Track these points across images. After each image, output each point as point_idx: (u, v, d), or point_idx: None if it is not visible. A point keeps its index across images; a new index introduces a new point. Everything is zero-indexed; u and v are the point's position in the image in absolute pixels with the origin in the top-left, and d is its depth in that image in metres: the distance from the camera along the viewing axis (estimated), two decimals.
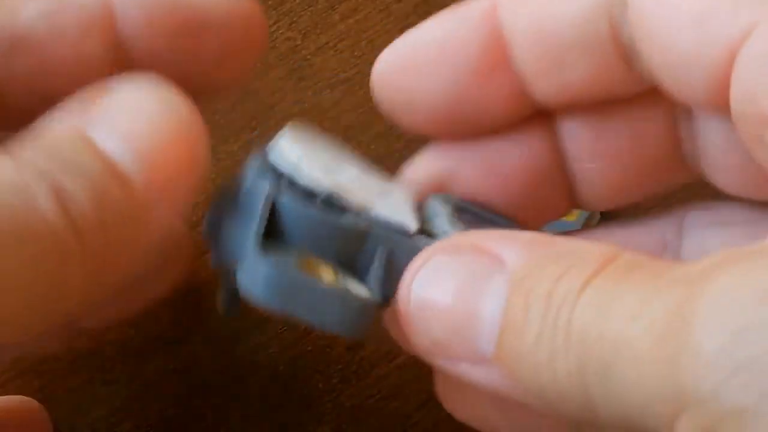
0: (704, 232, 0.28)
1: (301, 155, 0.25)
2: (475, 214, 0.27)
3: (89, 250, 0.22)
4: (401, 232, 0.25)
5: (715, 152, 0.27)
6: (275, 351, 0.35)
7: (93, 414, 0.35)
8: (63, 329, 0.29)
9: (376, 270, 0.24)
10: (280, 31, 0.37)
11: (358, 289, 0.24)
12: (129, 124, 0.23)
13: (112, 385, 0.35)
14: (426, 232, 0.25)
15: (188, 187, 0.23)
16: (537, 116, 0.27)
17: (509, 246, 0.23)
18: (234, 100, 0.37)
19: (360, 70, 0.37)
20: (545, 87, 0.26)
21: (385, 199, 0.26)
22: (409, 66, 0.26)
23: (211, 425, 0.35)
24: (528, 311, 0.22)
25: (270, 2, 0.37)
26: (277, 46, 0.37)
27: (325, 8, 0.37)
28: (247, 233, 0.24)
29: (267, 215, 0.24)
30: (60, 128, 0.23)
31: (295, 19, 0.37)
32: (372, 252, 0.24)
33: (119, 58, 0.26)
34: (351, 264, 0.25)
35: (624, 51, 0.25)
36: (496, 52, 0.26)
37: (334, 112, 0.37)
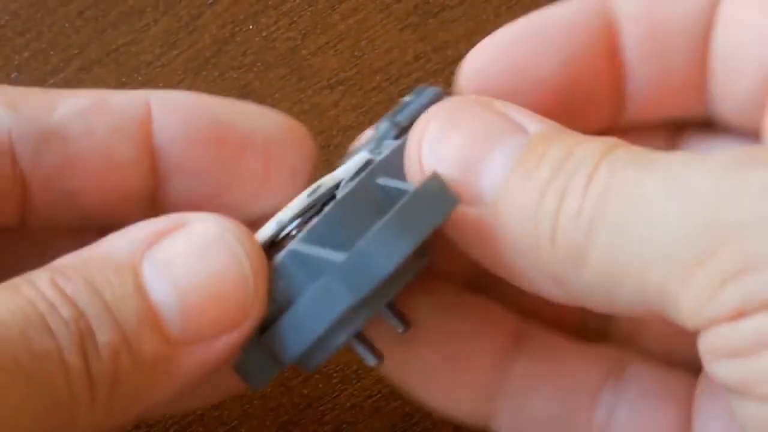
0: None
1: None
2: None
3: (101, 398, 0.21)
4: (364, 168, 0.25)
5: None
6: None
7: None
8: None
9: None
10: (280, 31, 0.37)
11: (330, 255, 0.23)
12: (187, 271, 0.22)
13: None
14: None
15: (234, 338, 0.23)
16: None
17: (531, 118, 0.23)
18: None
19: (360, 70, 0.37)
20: (646, 75, 0.26)
21: (345, 166, 0.25)
22: (522, 44, 0.26)
23: (212, 425, 0.35)
24: (541, 164, 0.22)
25: (270, 2, 0.37)
26: (277, 46, 0.37)
27: (325, 8, 0.37)
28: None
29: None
30: (117, 252, 0.22)
31: (295, 19, 0.37)
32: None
33: (155, 166, 0.26)
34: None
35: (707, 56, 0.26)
36: (607, 39, 0.26)
37: (334, 112, 0.37)
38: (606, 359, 0.27)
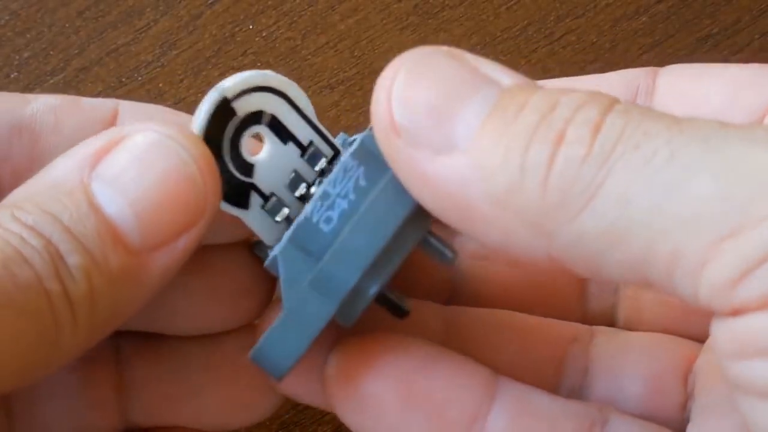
0: None
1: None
2: None
3: (82, 318, 0.22)
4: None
5: None
6: None
7: None
8: None
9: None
10: (280, 31, 0.37)
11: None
12: (134, 181, 0.23)
13: None
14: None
15: (192, 237, 0.23)
16: None
17: (504, 72, 0.22)
18: None
19: (360, 70, 0.37)
20: None
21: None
22: None
23: None
24: (524, 110, 0.21)
25: (270, 2, 0.37)
26: (277, 46, 0.37)
27: (325, 8, 0.37)
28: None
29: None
30: (65, 176, 0.23)
31: (295, 19, 0.37)
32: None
33: None
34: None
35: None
36: None
37: (334, 112, 0.37)
38: (586, 413, 0.26)
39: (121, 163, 0.23)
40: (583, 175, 0.20)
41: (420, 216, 0.23)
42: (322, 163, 0.25)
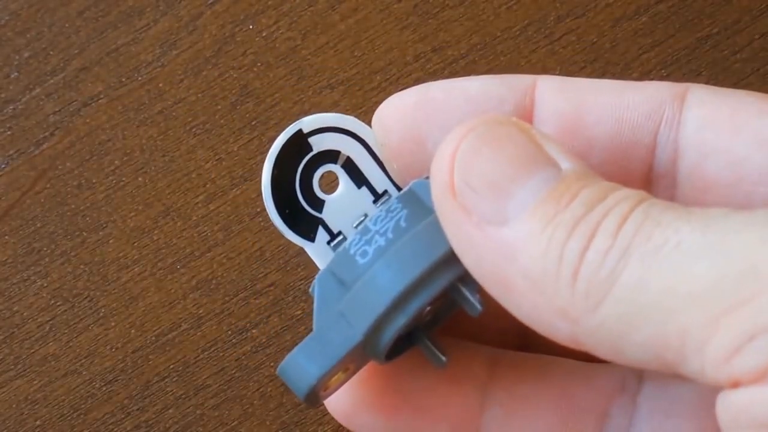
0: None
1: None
2: None
3: None
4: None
5: None
6: (274, 351, 0.35)
7: (93, 414, 0.35)
8: None
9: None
10: (280, 31, 0.37)
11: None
12: None
13: (112, 385, 0.35)
14: None
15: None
16: None
17: (565, 155, 0.23)
18: (234, 100, 0.37)
19: (360, 70, 0.37)
20: None
21: None
22: (433, 110, 0.26)
23: (211, 425, 0.35)
24: (574, 201, 0.22)
25: (270, 2, 0.37)
26: (277, 46, 0.37)
27: (325, 8, 0.37)
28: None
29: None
30: None
31: (295, 19, 0.37)
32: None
33: None
34: None
35: (652, 175, 0.25)
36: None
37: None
38: (614, 375, 0.26)
39: None
40: (606, 265, 0.21)
41: (455, 262, 0.24)
42: None
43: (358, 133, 0.26)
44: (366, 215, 0.26)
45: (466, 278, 0.24)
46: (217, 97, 0.37)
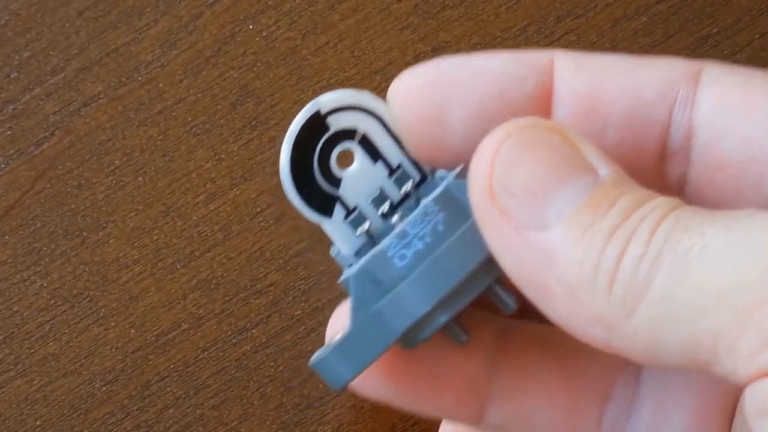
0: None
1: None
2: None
3: None
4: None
5: None
6: (274, 351, 0.35)
7: (93, 414, 0.35)
8: None
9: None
10: (280, 31, 0.37)
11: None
12: None
13: (112, 385, 0.35)
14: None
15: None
16: None
17: (602, 160, 0.23)
18: (234, 100, 0.37)
19: (360, 70, 0.37)
20: None
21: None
22: (450, 85, 0.26)
23: (211, 425, 0.35)
24: (611, 209, 0.22)
25: (270, 2, 0.37)
26: (277, 46, 0.37)
27: (325, 8, 0.37)
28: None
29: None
30: None
31: (295, 19, 0.37)
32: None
33: None
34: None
35: (666, 153, 0.26)
36: (538, 105, 0.26)
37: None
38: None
39: None
40: (640, 272, 0.21)
41: (492, 264, 0.24)
42: (408, 186, 0.26)
43: (374, 110, 0.26)
44: (381, 189, 0.26)
45: (501, 278, 0.25)
46: (217, 97, 0.37)
